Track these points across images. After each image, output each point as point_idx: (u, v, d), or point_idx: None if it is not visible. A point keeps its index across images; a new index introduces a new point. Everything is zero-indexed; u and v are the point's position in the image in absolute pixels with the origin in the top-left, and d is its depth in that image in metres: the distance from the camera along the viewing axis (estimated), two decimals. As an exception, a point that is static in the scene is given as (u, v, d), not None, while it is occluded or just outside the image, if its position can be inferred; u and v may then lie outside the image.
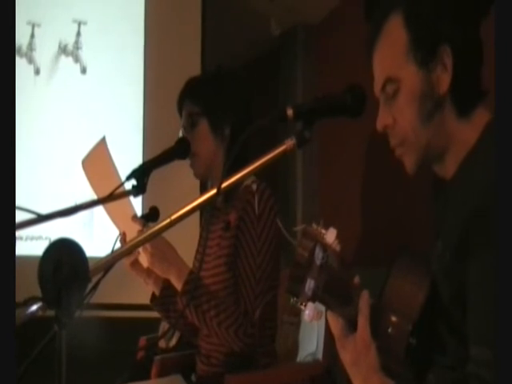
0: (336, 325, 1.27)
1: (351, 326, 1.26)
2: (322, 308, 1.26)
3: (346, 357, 1.26)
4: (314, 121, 1.34)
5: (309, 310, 1.23)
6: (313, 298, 1.23)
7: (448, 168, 1.29)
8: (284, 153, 1.31)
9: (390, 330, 1.23)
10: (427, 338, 1.24)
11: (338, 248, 1.25)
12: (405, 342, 1.22)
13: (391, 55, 1.29)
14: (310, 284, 1.22)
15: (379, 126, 1.32)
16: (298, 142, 1.31)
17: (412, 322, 1.22)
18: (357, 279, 1.29)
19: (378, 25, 1.32)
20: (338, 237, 1.25)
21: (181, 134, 2.11)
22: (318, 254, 1.23)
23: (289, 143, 1.31)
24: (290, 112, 1.32)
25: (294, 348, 2.23)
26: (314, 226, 1.25)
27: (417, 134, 1.28)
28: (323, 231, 1.25)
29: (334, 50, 3.99)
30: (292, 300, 1.25)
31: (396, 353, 1.23)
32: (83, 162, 2.03)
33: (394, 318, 1.23)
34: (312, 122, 1.33)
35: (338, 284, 1.26)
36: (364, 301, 1.25)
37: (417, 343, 1.22)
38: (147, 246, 1.93)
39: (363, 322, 1.24)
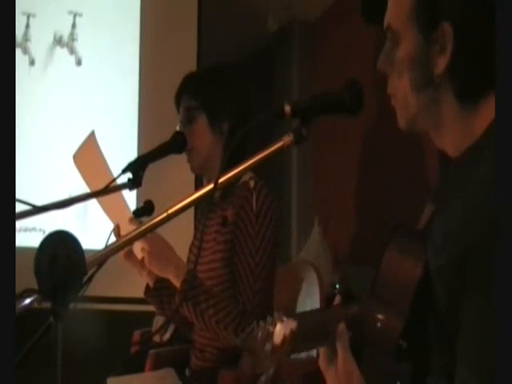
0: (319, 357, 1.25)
1: (334, 350, 1.23)
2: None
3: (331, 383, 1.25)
4: (312, 118, 1.34)
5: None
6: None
7: (447, 145, 1.22)
8: (281, 149, 1.31)
9: (378, 324, 1.20)
10: (419, 338, 1.21)
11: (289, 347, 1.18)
12: (396, 339, 1.19)
13: (396, 7, 1.23)
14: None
15: (379, 65, 1.25)
16: (296, 139, 1.31)
17: (403, 319, 1.18)
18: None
19: None
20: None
21: (178, 130, 2.10)
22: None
23: (286, 139, 1.31)
24: (287, 109, 1.32)
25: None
26: (269, 318, 1.20)
27: (407, 97, 1.22)
28: (270, 328, 1.18)
29: (330, 46, 3.99)
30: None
31: (387, 352, 1.21)
32: (74, 157, 2.02)
33: (381, 316, 1.21)
34: (309, 120, 1.33)
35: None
36: (341, 333, 1.21)
37: (408, 343, 1.19)
38: (145, 245, 1.93)
39: (342, 352, 1.21)
